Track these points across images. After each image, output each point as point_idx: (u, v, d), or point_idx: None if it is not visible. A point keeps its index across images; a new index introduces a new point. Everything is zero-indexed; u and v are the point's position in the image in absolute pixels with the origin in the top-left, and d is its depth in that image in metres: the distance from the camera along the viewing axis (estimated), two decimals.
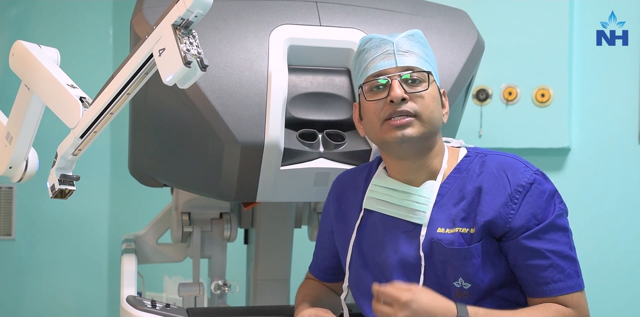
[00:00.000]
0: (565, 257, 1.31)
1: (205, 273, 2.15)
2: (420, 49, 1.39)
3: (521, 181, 1.32)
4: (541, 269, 1.30)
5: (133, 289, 1.71)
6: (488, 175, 1.34)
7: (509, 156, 1.38)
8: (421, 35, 1.43)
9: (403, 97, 1.33)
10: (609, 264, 2.34)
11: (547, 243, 1.31)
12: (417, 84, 1.35)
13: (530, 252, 1.31)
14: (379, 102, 1.35)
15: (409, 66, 1.36)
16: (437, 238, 1.33)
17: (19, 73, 1.44)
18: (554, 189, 1.35)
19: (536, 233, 1.31)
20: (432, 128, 1.35)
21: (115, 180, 3.68)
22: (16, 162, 1.51)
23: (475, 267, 1.31)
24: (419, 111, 1.33)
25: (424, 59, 1.38)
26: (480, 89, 2.51)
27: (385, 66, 1.36)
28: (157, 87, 1.50)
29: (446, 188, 1.37)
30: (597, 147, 2.38)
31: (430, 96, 1.35)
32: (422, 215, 1.36)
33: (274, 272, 2.06)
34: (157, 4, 1.56)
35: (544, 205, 1.32)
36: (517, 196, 1.31)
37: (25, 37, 1.57)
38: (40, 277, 3.58)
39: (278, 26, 1.60)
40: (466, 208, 1.33)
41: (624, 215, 2.33)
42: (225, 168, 1.54)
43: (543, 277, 1.30)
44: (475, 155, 1.40)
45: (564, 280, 1.31)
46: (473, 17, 1.82)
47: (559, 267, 1.30)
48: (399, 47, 1.37)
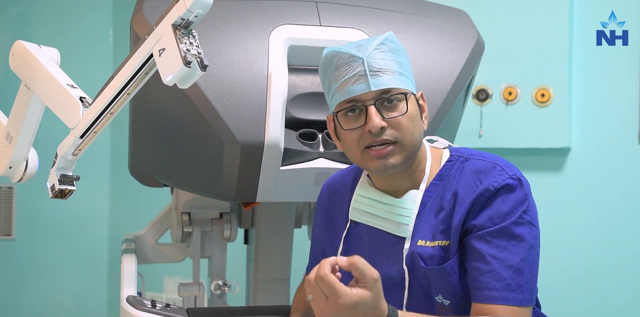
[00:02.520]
0: (510, 267, 1.23)
1: (205, 273, 2.15)
2: (394, 60, 1.29)
3: (490, 186, 1.26)
4: (480, 272, 1.24)
5: (133, 289, 1.71)
6: (463, 183, 1.30)
7: (489, 160, 1.32)
8: (392, 39, 1.32)
9: (381, 126, 1.25)
10: (609, 264, 2.34)
11: (493, 248, 1.24)
12: (394, 105, 1.27)
13: (475, 253, 1.25)
14: (356, 130, 1.28)
15: (384, 89, 1.26)
16: (417, 252, 1.30)
17: (19, 73, 1.44)
18: (524, 198, 1.27)
19: (485, 235, 1.25)
20: (413, 149, 1.30)
21: (115, 180, 3.68)
22: (16, 162, 1.51)
23: (453, 284, 1.28)
24: (400, 137, 1.27)
25: (399, 73, 1.28)
26: (480, 89, 2.51)
27: (358, 91, 1.26)
28: (157, 87, 1.50)
29: (428, 196, 1.34)
30: (597, 147, 2.38)
31: (408, 118, 1.28)
32: (405, 228, 1.33)
33: (274, 272, 2.06)
34: (157, 4, 1.56)
35: (505, 210, 1.25)
36: (481, 199, 1.27)
37: (25, 37, 1.57)
38: (40, 277, 3.58)
39: (278, 26, 1.60)
40: (444, 220, 1.30)
41: (624, 215, 2.33)
42: (225, 168, 1.54)
43: (479, 282, 1.24)
44: (457, 160, 1.35)
45: (500, 290, 1.22)
46: (473, 17, 1.82)
47: (498, 275, 1.22)
48: (370, 66, 1.26)
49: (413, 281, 1.32)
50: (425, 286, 1.32)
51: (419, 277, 1.32)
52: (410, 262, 1.32)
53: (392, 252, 1.35)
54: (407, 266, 1.32)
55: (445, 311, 1.31)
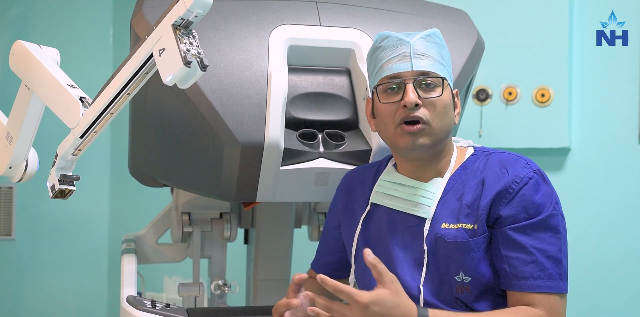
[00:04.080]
0: (550, 257, 1.30)
1: (205, 273, 2.15)
2: (437, 51, 1.39)
3: (520, 174, 1.33)
4: (523, 263, 1.30)
5: (133, 289, 1.71)
6: (490, 171, 1.36)
7: (513, 154, 1.39)
8: (438, 35, 1.42)
9: (416, 103, 1.33)
10: (609, 264, 2.34)
11: (534, 239, 1.30)
12: (431, 88, 1.36)
13: (515, 245, 1.31)
14: (392, 104, 1.36)
15: (424, 71, 1.35)
16: (441, 233, 1.34)
17: (19, 73, 1.44)
18: (551, 191, 1.35)
19: (524, 228, 1.31)
20: (442, 134, 1.37)
21: (115, 180, 3.68)
22: (16, 162, 1.51)
23: (475, 261, 1.32)
24: (430, 119, 1.34)
25: (440, 63, 1.38)
26: (480, 89, 2.51)
27: (400, 69, 1.36)
28: (157, 87, 1.50)
29: (451, 184, 1.39)
30: (597, 147, 2.38)
31: (442, 103, 1.36)
32: (426, 209, 1.37)
33: (274, 272, 2.06)
34: (157, 4, 1.56)
35: (538, 202, 1.32)
36: (513, 186, 1.32)
37: (25, 37, 1.57)
38: (40, 277, 3.58)
39: (278, 26, 1.60)
40: (470, 204, 1.34)
41: (624, 215, 2.33)
42: (225, 168, 1.54)
43: (522, 272, 1.30)
44: (481, 154, 1.42)
45: (544, 278, 1.29)
46: (473, 17, 1.82)
47: (541, 265, 1.29)
48: (415, 49, 1.36)
49: (431, 262, 1.36)
50: (443, 269, 1.35)
51: (438, 260, 1.35)
52: (432, 243, 1.35)
53: (412, 233, 1.38)
54: (427, 247, 1.35)
55: (465, 290, 1.34)
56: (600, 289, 2.34)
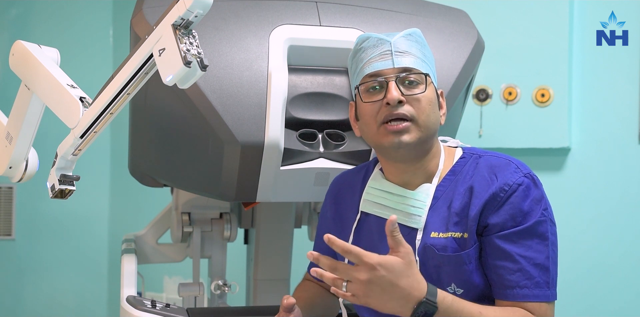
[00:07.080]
0: (537, 265, 1.27)
1: (205, 273, 2.15)
2: (418, 49, 1.37)
3: (508, 181, 1.30)
4: (508, 272, 1.27)
5: (133, 289, 1.71)
6: (479, 177, 1.33)
7: (503, 158, 1.35)
8: (419, 35, 1.40)
9: (400, 100, 1.31)
10: (609, 264, 2.34)
11: (520, 247, 1.27)
12: (414, 86, 1.34)
13: (501, 253, 1.28)
14: (375, 103, 1.34)
15: (406, 67, 1.33)
16: (430, 243, 1.32)
17: (19, 73, 1.44)
18: (541, 196, 1.31)
19: (511, 235, 1.28)
20: (428, 132, 1.34)
21: (115, 180, 3.68)
22: (16, 162, 1.51)
23: (468, 273, 1.30)
24: (415, 115, 1.32)
25: (422, 60, 1.36)
26: (480, 89, 2.51)
27: (382, 67, 1.34)
28: (157, 87, 1.50)
29: (441, 191, 1.36)
30: (597, 147, 2.38)
31: (427, 99, 1.33)
32: (417, 219, 1.35)
33: (274, 272, 2.06)
34: (157, 4, 1.56)
35: (526, 209, 1.28)
36: (501, 194, 1.29)
37: (25, 37, 1.57)
38: (40, 277, 3.58)
39: (278, 26, 1.60)
40: (459, 212, 1.32)
41: (624, 215, 2.33)
42: (225, 168, 1.54)
43: (509, 281, 1.28)
44: (470, 157, 1.39)
45: (530, 287, 1.27)
46: (473, 17, 1.82)
47: (527, 274, 1.27)
48: (396, 47, 1.35)
49: (422, 272, 1.32)
50: (436, 277, 1.32)
51: (429, 270, 1.32)
52: (422, 253, 1.33)
53: None
54: (418, 257, 1.33)
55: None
56: (600, 289, 2.34)
